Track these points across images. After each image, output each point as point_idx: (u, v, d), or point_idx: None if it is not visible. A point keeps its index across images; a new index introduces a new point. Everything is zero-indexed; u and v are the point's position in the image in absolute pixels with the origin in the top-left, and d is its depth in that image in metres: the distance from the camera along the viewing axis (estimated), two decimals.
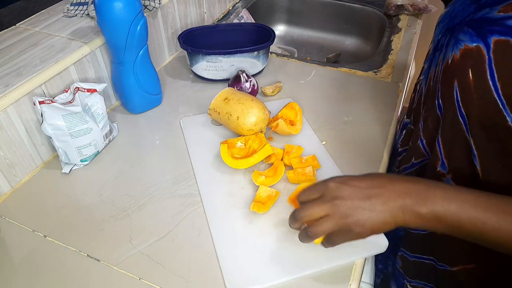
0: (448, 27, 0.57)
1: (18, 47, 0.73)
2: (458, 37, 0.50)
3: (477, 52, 0.47)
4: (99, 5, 0.67)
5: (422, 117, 0.60)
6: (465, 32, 0.49)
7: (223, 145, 0.69)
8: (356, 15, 1.29)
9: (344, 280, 0.54)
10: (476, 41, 0.47)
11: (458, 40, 0.50)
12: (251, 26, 0.97)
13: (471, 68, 0.47)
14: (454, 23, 0.56)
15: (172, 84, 0.91)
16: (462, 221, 0.44)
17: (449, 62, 0.51)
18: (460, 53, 0.49)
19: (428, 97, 0.59)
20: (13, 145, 0.65)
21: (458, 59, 0.49)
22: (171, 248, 0.58)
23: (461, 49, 0.49)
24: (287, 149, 0.72)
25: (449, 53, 0.52)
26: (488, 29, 0.46)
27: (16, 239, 0.59)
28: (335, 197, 0.47)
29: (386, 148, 0.74)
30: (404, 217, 0.45)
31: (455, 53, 0.50)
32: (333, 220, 0.47)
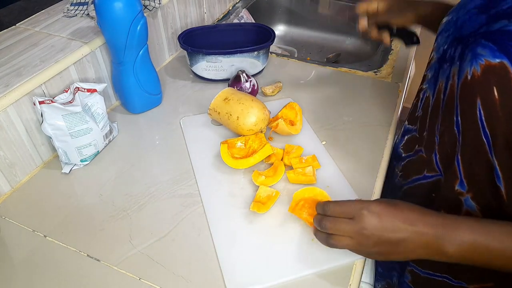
0: (455, 38, 0.55)
1: (18, 47, 0.73)
2: (476, 51, 0.48)
3: (501, 68, 0.44)
4: (99, 5, 0.67)
5: (438, 131, 0.57)
6: (484, 46, 0.47)
7: (223, 145, 0.69)
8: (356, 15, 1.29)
9: (344, 280, 0.54)
10: (499, 56, 0.45)
11: (477, 54, 0.47)
12: (251, 26, 0.97)
13: (495, 86, 0.45)
14: (462, 33, 0.53)
15: (172, 84, 0.91)
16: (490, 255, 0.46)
17: (468, 78, 0.48)
18: (482, 69, 0.46)
19: (440, 110, 0.56)
20: (13, 145, 0.65)
21: (480, 75, 0.47)
22: (171, 248, 0.58)
23: (482, 65, 0.46)
24: (287, 149, 0.72)
25: (467, 68, 0.49)
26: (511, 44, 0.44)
27: (16, 239, 0.59)
28: (364, 228, 0.48)
29: (386, 148, 0.74)
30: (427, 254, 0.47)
31: (474, 69, 0.47)
32: (355, 243, 0.49)
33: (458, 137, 0.52)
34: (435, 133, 0.58)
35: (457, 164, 0.53)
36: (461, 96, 0.50)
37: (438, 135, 0.57)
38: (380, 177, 0.69)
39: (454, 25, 0.56)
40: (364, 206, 0.49)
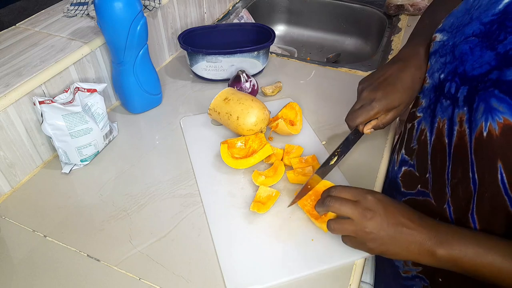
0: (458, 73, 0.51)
1: (18, 47, 0.73)
2: (491, 103, 0.44)
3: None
4: (99, 5, 0.67)
5: (449, 181, 0.53)
6: (500, 100, 0.43)
7: (223, 145, 0.69)
8: (356, 15, 1.30)
9: (344, 280, 0.54)
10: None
11: (492, 109, 0.44)
12: (251, 26, 0.97)
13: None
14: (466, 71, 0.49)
15: (172, 84, 0.91)
16: (477, 266, 0.46)
17: (484, 135, 0.45)
18: (500, 128, 0.43)
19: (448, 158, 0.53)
20: (13, 145, 0.65)
21: (499, 136, 0.43)
22: (171, 248, 0.58)
23: (500, 123, 0.43)
24: (287, 149, 0.72)
25: (481, 121, 0.45)
26: None
27: (16, 239, 0.59)
28: (368, 209, 0.49)
29: (386, 148, 0.74)
30: (419, 256, 0.48)
31: (491, 126, 0.44)
32: (355, 228, 0.50)
33: (474, 194, 0.49)
34: (446, 183, 0.54)
35: (472, 220, 0.50)
36: (476, 152, 0.47)
37: (449, 187, 0.53)
38: (380, 177, 0.69)
39: (452, 53, 0.52)
40: (370, 192, 0.51)
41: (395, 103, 0.62)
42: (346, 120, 0.65)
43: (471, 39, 0.49)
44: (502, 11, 0.46)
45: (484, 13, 0.48)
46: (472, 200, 0.49)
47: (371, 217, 0.49)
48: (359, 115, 0.63)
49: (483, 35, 0.47)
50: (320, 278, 0.54)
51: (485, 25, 0.47)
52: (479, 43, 0.48)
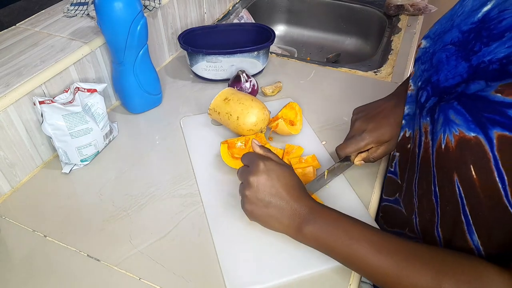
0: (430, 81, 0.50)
1: (18, 47, 0.73)
2: (448, 115, 0.43)
3: (477, 145, 0.40)
4: (99, 5, 0.67)
5: (416, 193, 0.52)
6: (457, 112, 0.42)
7: (223, 145, 0.69)
8: (356, 15, 1.30)
9: (344, 280, 0.54)
10: (474, 130, 0.40)
11: (449, 121, 0.43)
12: (251, 26, 0.97)
13: (472, 165, 0.40)
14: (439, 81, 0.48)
15: (172, 84, 0.91)
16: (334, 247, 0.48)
17: (442, 148, 0.44)
18: (456, 141, 0.42)
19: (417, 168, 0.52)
20: (13, 145, 0.65)
21: (454, 149, 0.42)
22: (171, 248, 0.58)
23: (456, 136, 0.42)
24: (287, 149, 0.72)
25: (440, 133, 0.44)
26: (487, 117, 0.39)
27: (16, 239, 0.59)
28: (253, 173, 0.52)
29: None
30: (288, 229, 0.52)
31: (448, 139, 0.43)
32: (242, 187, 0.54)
33: (436, 207, 0.48)
34: (414, 194, 0.53)
35: (437, 234, 0.50)
36: (437, 165, 0.46)
37: (416, 198, 0.53)
38: (380, 177, 0.69)
39: (430, 60, 0.51)
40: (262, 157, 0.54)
41: (386, 137, 0.61)
42: (336, 149, 0.66)
43: (448, 47, 0.48)
44: (481, 19, 0.44)
45: (464, 21, 0.47)
46: (435, 213, 0.49)
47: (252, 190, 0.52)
48: (349, 145, 0.63)
49: (460, 44, 0.46)
50: (320, 278, 0.54)
51: (463, 34, 0.46)
52: (455, 52, 0.47)
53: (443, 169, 0.45)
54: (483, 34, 0.43)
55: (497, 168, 0.38)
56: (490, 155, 0.39)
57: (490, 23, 0.43)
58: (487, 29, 0.43)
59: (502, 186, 0.38)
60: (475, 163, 0.40)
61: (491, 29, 0.42)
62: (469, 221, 0.44)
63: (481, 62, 0.42)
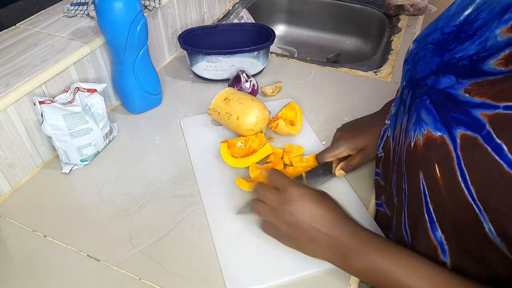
0: (410, 77, 0.50)
1: (18, 47, 0.73)
2: (421, 114, 0.43)
3: (442, 144, 0.40)
4: (99, 5, 0.67)
5: (395, 193, 0.52)
6: (428, 111, 0.42)
7: (223, 144, 0.69)
8: (356, 15, 1.30)
9: (344, 280, 0.54)
10: (440, 129, 0.40)
11: (421, 120, 0.43)
12: (251, 26, 0.97)
13: (437, 164, 0.41)
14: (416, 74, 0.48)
15: (172, 84, 0.91)
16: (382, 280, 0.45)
17: (411, 146, 0.44)
18: (424, 140, 0.42)
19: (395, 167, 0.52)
20: (13, 145, 0.65)
21: (422, 147, 0.43)
22: (171, 248, 0.58)
23: (424, 135, 0.42)
24: (287, 149, 0.72)
25: (411, 132, 0.45)
26: (453, 116, 0.39)
27: (16, 239, 0.59)
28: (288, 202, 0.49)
29: None
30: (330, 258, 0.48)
31: (417, 137, 0.43)
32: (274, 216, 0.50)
33: (404, 206, 0.48)
34: (393, 193, 0.53)
35: (405, 233, 0.49)
36: (406, 163, 0.47)
37: (396, 197, 0.52)
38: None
39: (413, 60, 0.52)
40: (293, 183, 0.51)
41: (360, 145, 0.64)
42: (315, 157, 0.68)
43: (428, 47, 0.49)
44: (461, 22, 0.45)
45: (447, 24, 0.48)
46: (403, 211, 0.49)
47: (289, 212, 0.49)
48: (326, 151, 0.66)
49: (439, 43, 0.47)
50: (320, 278, 0.54)
51: (444, 35, 0.47)
52: (433, 51, 0.47)
53: (410, 167, 0.46)
54: (461, 36, 0.44)
55: (460, 167, 0.39)
56: (454, 154, 0.39)
57: (468, 25, 0.44)
58: (465, 31, 0.44)
59: (465, 185, 0.38)
60: (440, 162, 0.40)
61: (467, 30, 0.43)
62: (433, 218, 0.44)
63: (452, 58, 0.43)
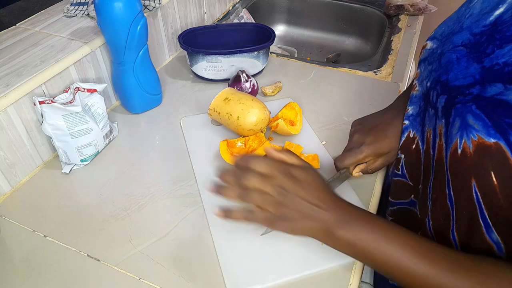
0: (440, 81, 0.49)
1: (18, 47, 0.73)
2: (467, 120, 0.42)
3: (498, 151, 0.39)
4: (99, 5, 0.67)
5: (430, 195, 0.51)
6: (476, 117, 0.41)
7: (222, 142, 0.69)
8: (356, 15, 1.30)
9: (344, 280, 0.54)
10: (494, 135, 0.39)
11: (467, 125, 0.42)
12: (251, 26, 0.97)
13: (493, 171, 0.40)
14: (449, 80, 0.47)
15: (172, 84, 0.91)
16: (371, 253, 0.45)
17: (458, 152, 0.43)
18: (474, 147, 0.41)
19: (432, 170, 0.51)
20: (13, 145, 0.65)
21: (473, 154, 0.41)
22: (171, 248, 0.58)
23: (474, 141, 0.41)
24: (287, 146, 0.72)
25: (456, 138, 0.43)
26: (508, 122, 0.38)
27: (16, 239, 0.59)
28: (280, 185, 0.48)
29: None
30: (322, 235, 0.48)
31: (466, 144, 0.42)
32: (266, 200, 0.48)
33: (451, 211, 0.47)
34: (428, 196, 0.52)
35: (452, 238, 0.49)
36: (451, 170, 0.45)
37: (430, 201, 0.51)
38: (380, 177, 0.69)
39: (438, 61, 0.50)
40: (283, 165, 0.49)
41: (385, 149, 0.61)
42: (334, 161, 0.64)
43: (459, 49, 0.48)
44: (493, 23, 0.44)
45: (475, 23, 0.47)
46: (451, 217, 0.48)
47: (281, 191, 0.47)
48: (347, 157, 0.62)
49: (472, 46, 0.46)
50: (320, 278, 0.54)
51: (475, 36, 0.46)
52: (467, 54, 0.46)
53: (458, 174, 0.44)
54: (496, 37, 0.43)
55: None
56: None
57: (503, 26, 0.43)
58: (500, 32, 0.43)
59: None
60: (496, 169, 0.39)
61: (504, 31, 0.42)
62: (488, 224, 0.43)
63: (495, 64, 0.42)
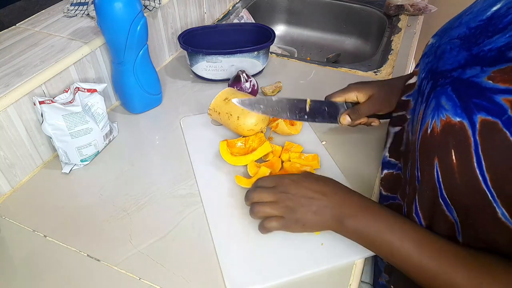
0: (430, 69, 0.50)
1: (18, 47, 0.73)
2: (440, 101, 0.43)
3: (460, 130, 0.40)
4: (99, 5, 0.67)
5: (408, 182, 0.52)
6: (449, 98, 0.42)
7: (222, 142, 0.69)
8: (356, 15, 1.30)
9: (344, 280, 0.54)
10: (460, 115, 0.40)
11: (440, 106, 0.43)
12: (251, 26, 0.97)
13: (454, 149, 0.40)
14: (438, 67, 0.49)
15: (172, 84, 0.91)
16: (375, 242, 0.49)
17: (428, 132, 0.44)
18: (442, 126, 0.42)
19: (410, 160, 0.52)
20: (13, 145, 0.65)
21: (439, 133, 0.42)
22: (171, 248, 0.58)
23: (442, 120, 0.42)
24: (287, 147, 0.72)
25: (428, 118, 0.44)
26: (474, 102, 0.39)
27: (16, 239, 0.59)
28: (284, 191, 0.54)
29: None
30: (332, 224, 0.53)
31: (435, 123, 0.43)
32: (276, 207, 0.54)
33: (416, 193, 0.49)
34: (406, 182, 0.54)
35: (417, 218, 0.50)
36: (420, 150, 0.46)
37: (408, 186, 0.53)
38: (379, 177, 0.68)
39: (434, 53, 0.52)
40: (284, 175, 0.57)
41: (369, 91, 0.68)
42: (324, 98, 0.72)
43: (454, 41, 0.49)
44: (489, 17, 0.45)
45: (473, 19, 0.48)
46: (414, 199, 0.50)
47: (288, 195, 0.54)
48: (335, 93, 0.71)
49: (466, 38, 0.47)
50: (320, 278, 0.54)
51: (471, 30, 0.47)
52: (460, 45, 0.47)
53: (425, 154, 0.46)
54: (489, 29, 0.44)
55: (477, 153, 0.39)
56: (472, 139, 0.39)
57: (497, 20, 0.44)
58: (493, 25, 0.44)
59: (480, 172, 0.39)
60: (456, 147, 0.40)
61: (497, 24, 0.43)
62: (448, 203, 0.44)
63: (481, 51, 0.43)
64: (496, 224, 0.40)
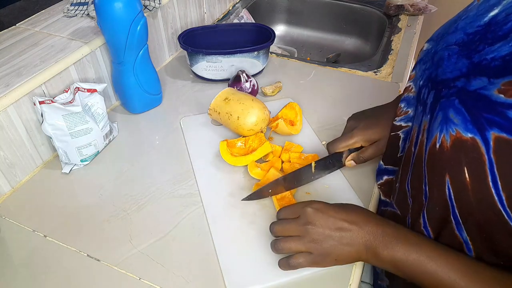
0: (430, 77, 0.49)
1: (18, 47, 0.73)
2: (447, 114, 0.42)
3: (473, 147, 0.38)
4: (99, 5, 0.67)
5: (410, 193, 0.52)
6: (457, 111, 0.41)
7: (222, 142, 0.69)
8: (356, 15, 1.30)
9: (344, 280, 0.54)
10: (471, 130, 0.39)
11: (448, 120, 0.41)
12: (251, 26, 0.97)
13: (466, 166, 0.39)
14: (438, 75, 0.48)
15: (172, 84, 0.91)
16: (417, 273, 0.46)
17: (436, 147, 0.43)
18: (452, 141, 0.40)
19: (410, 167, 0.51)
20: (13, 145, 0.65)
21: (449, 149, 0.41)
22: (171, 248, 0.58)
23: (452, 136, 0.40)
24: (287, 147, 0.72)
25: (436, 132, 0.43)
26: (486, 117, 0.38)
27: (16, 239, 0.59)
28: (309, 222, 0.50)
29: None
30: (366, 255, 0.48)
31: (444, 138, 0.41)
32: (301, 242, 0.50)
33: (424, 208, 0.48)
34: (407, 194, 0.52)
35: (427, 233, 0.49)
36: (428, 164, 0.45)
37: (410, 198, 0.52)
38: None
39: (431, 59, 0.51)
40: (306, 204, 0.51)
41: (375, 136, 0.63)
42: (327, 146, 0.67)
43: (452, 47, 0.48)
44: (487, 23, 0.45)
45: (469, 24, 0.47)
46: (422, 213, 0.48)
47: (314, 228, 0.49)
48: (338, 141, 0.65)
49: (464, 44, 0.46)
50: (320, 278, 0.54)
51: (468, 36, 0.47)
52: (458, 52, 0.46)
53: (434, 169, 0.44)
54: (488, 36, 0.43)
55: (492, 171, 0.37)
56: (486, 157, 0.38)
57: (496, 26, 0.43)
58: (493, 32, 0.43)
59: (496, 191, 0.37)
60: (469, 165, 0.39)
61: (496, 31, 0.42)
62: (459, 221, 0.43)
63: (483, 59, 0.41)
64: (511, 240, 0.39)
